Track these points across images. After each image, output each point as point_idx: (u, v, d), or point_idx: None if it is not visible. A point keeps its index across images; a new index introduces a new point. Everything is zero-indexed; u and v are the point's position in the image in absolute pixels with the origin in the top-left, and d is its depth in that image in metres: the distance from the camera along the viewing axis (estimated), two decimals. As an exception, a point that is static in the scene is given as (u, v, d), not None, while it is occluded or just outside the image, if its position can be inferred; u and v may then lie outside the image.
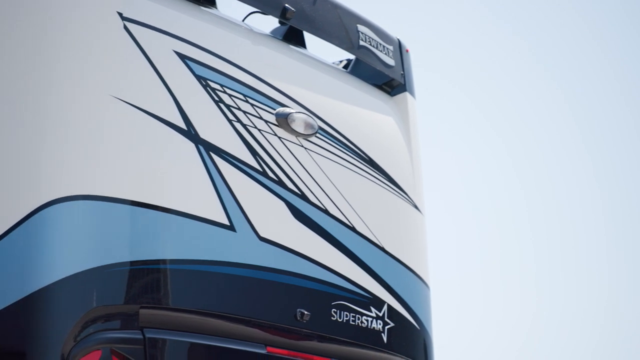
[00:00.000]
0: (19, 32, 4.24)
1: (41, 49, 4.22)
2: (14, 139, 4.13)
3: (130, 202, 4.19)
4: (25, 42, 4.22)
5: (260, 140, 4.72)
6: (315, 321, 4.72)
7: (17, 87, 4.17)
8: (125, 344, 4.06)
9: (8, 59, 4.20)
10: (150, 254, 4.20)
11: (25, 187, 4.06)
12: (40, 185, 4.05)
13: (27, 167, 4.08)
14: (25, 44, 4.22)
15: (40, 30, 4.24)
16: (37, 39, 4.23)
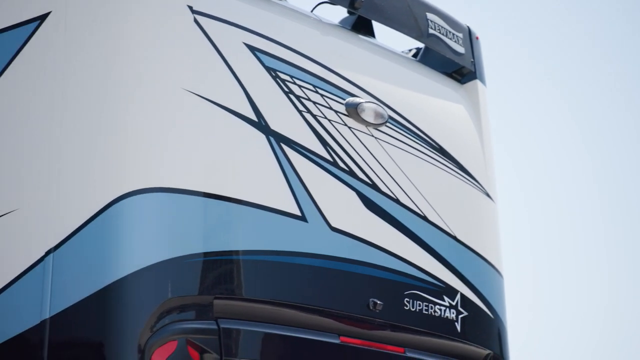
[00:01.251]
0: (93, 27, 4.30)
1: (114, 45, 4.27)
2: (89, 134, 4.19)
3: (203, 193, 4.23)
4: (98, 38, 4.28)
5: (331, 130, 4.72)
6: (388, 311, 4.72)
7: (92, 82, 4.24)
8: (200, 334, 4.10)
9: (84, 55, 4.27)
10: (223, 245, 4.24)
11: (101, 181, 4.12)
12: (115, 178, 4.11)
13: (103, 161, 4.14)
14: (98, 40, 4.28)
15: (112, 26, 4.29)
16: (110, 34, 4.28)
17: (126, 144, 4.18)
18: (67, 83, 4.28)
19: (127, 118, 4.21)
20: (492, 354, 5.20)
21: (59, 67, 4.32)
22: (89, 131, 4.20)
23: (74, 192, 4.14)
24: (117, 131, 4.19)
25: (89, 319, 3.99)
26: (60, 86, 4.29)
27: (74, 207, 4.11)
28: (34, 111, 4.33)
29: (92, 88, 4.23)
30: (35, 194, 4.21)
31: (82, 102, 4.24)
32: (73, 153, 4.19)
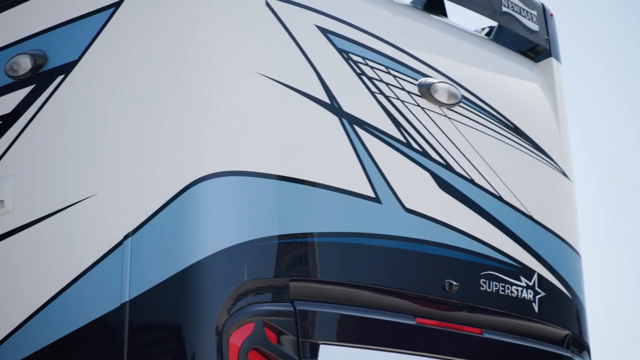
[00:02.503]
0: (167, 13, 4.35)
1: (189, 30, 4.31)
2: (165, 119, 4.24)
3: (278, 176, 4.25)
4: (172, 24, 4.33)
5: (403, 111, 4.70)
6: (464, 292, 4.69)
7: (167, 68, 4.28)
8: (276, 316, 4.13)
9: (159, 40, 4.32)
10: (298, 227, 4.26)
11: (177, 165, 4.17)
12: (192, 162, 4.16)
13: (179, 145, 4.19)
14: (172, 26, 4.33)
15: (187, 11, 4.33)
16: (184, 20, 4.32)
17: (201, 128, 4.22)
18: (143, 69, 4.34)
19: (202, 102, 4.25)
20: (571, 335, 5.14)
21: (134, 53, 4.38)
22: (164, 116, 4.25)
23: (151, 176, 4.20)
24: (192, 116, 4.23)
25: (167, 302, 4.04)
26: (135, 72, 4.35)
27: (151, 191, 4.17)
28: (110, 97, 4.39)
29: (167, 73, 4.28)
30: (114, 179, 4.27)
31: (158, 87, 4.29)
32: (150, 138, 4.25)
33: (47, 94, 4.54)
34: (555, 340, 5.08)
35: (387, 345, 4.42)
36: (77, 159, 4.40)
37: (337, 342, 4.29)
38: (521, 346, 4.90)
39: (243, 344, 4.01)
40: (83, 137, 4.43)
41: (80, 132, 4.44)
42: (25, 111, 4.58)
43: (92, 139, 4.40)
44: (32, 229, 4.41)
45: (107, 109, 4.39)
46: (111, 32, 4.46)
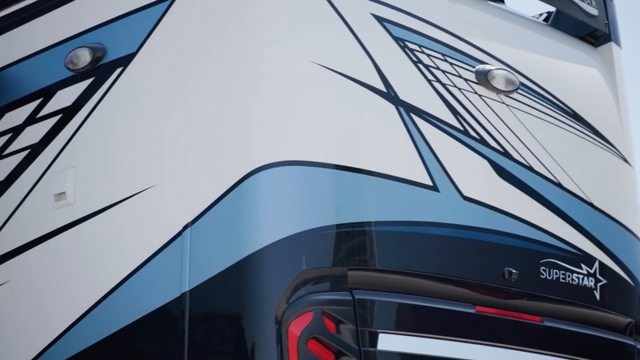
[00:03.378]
0: (223, 4, 4.37)
1: (244, 20, 4.33)
2: (222, 109, 4.27)
3: (335, 165, 4.26)
4: (228, 15, 4.35)
5: (460, 98, 4.68)
6: (523, 280, 4.66)
7: (223, 58, 4.31)
8: (335, 305, 4.13)
9: (215, 31, 4.34)
10: (356, 216, 4.26)
11: (235, 155, 4.19)
12: (249, 152, 4.18)
13: (236, 136, 4.21)
14: (228, 16, 4.35)
15: (241, 2, 4.35)
16: (239, 10, 4.34)
17: (259, 118, 4.23)
18: (200, 60, 4.36)
19: (259, 92, 4.26)
20: (634, 322, 5.08)
21: (191, 44, 4.41)
22: (222, 106, 4.27)
23: (210, 166, 4.23)
24: (248, 106, 4.25)
25: (226, 291, 4.07)
26: (193, 63, 4.38)
27: (210, 181, 4.19)
28: (168, 89, 4.43)
29: (223, 63, 4.30)
30: (173, 170, 4.31)
31: (215, 78, 4.32)
32: (207, 129, 4.28)
33: (106, 87, 4.59)
34: (618, 328, 5.03)
35: (446, 334, 4.40)
36: (137, 151, 4.45)
37: (396, 331, 4.28)
38: (582, 334, 4.86)
39: (302, 333, 4.02)
40: (142, 128, 4.47)
41: (139, 124, 4.48)
42: (85, 104, 4.64)
43: (150, 131, 4.44)
44: (93, 220, 4.47)
45: (165, 101, 4.42)
46: (168, 24, 4.49)
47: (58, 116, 4.73)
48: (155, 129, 4.42)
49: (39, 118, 4.81)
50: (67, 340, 4.42)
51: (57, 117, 4.73)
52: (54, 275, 4.57)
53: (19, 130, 4.87)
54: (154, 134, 4.42)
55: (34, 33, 5.00)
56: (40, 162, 4.74)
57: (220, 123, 4.25)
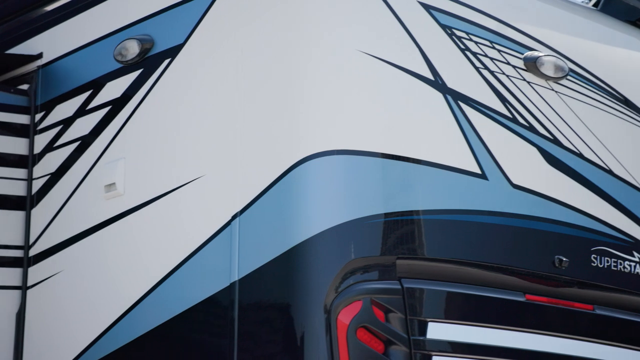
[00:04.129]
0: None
1: (291, 9, 4.33)
2: (269, 99, 4.27)
3: (383, 154, 4.25)
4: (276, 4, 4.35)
5: (509, 86, 4.64)
6: (574, 268, 4.63)
7: (270, 48, 4.31)
8: (384, 294, 4.13)
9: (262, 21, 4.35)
10: (404, 205, 4.25)
11: (282, 145, 4.20)
12: (298, 141, 4.18)
13: (284, 125, 4.22)
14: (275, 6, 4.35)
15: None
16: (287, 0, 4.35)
17: (306, 108, 4.23)
18: (248, 50, 4.37)
19: (306, 82, 4.27)
20: (685, 310, 5.03)
21: (239, 34, 4.41)
22: (270, 97, 4.28)
23: (258, 156, 4.24)
24: (296, 95, 4.25)
25: (275, 281, 4.08)
26: (241, 53, 4.39)
27: (258, 171, 4.21)
28: (215, 79, 4.44)
29: (272, 54, 4.31)
30: (221, 160, 4.33)
31: (263, 68, 4.32)
32: (255, 118, 4.29)
33: (155, 78, 4.62)
34: (670, 316, 4.98)
35: (496, 322, 4.39)
36: (185, 141, 4.48)
37: (445, 320, 4.27)
38: (634, 322, 4.81)
39: (351, 321, 4.02)
40: (190, 119, 4.49)
41: (188, 114, 4.51)
42: (134, 95, 4.68)
43: (199, 121, 4.46)
44: (143, 211, 4.51)
45: (213, 91, 4.44)
46: (216, 14, 4.51)
47: (107, 108, 4.77)
48: (204, 119, 4.44)
49: (89, 110, 4.86)
50: (118, 329, 4.46)
51: (107, 108, 4.77)
52: (104, 265, 4.62)
53: (69, 122, 4.93)
54: (203, 124, 4.44)
55: (84, 26, 5.05)
56: (90, 154, 4.79)
57: (268, 113, 4.26)
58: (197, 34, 4.54)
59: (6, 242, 4.97)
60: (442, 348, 4.21)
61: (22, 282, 4.93)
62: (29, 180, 5.03)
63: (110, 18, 4.93)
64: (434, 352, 4.17)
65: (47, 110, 5.04)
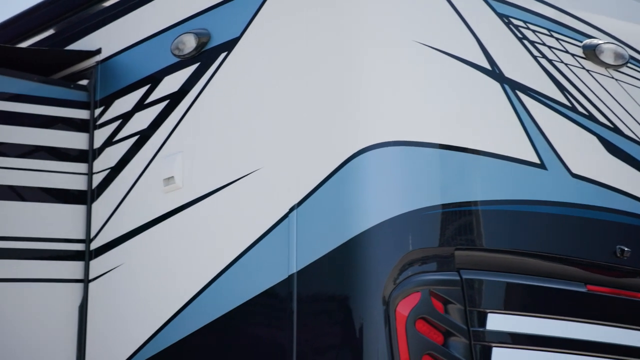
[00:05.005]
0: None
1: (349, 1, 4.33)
2: (327, 91, 4.27)
3: (440, 145, 4.23)
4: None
5: (567, 74, 4.59)
6: (636, 258, 4.56)
7: (326, 39, 4.31)
8: (443, 285, 4.11)
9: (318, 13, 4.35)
10: (462, 196, 4.22)
11: (339, 137, 4.20)
12: (355, 133, 4.18)
13: (340, 117, 4.22)
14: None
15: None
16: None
17: (363, 100, 4.23)
18: (303, 42, 4.37)
19: (363, 74, 4.26)
20: None
21: (294, 27, 4.42)
22: (326, 88, 4.28)
23: (315, 148, 4.24)
24: (353, 87, 4.25)
25: (333, 273, 4.09)
26: (295, 46, 4.39)
27: (315, 163, 4.21)
28: (272, 72, 4.45)
29: (327, 46, 4.31)
30: (278, 153, 4.34)
31: (318, 60, 4.33)
32: (311, 111, 4.29)
33: (211, 72, 4.64)
34: None
35: (557, 313, 4.35)
36: (242, 134, 4.49)
37: (505, 311, 4.24)
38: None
39: (410, 313, 4.01)
40: (247, 112, 4.51)
41: (244, 107, 4.52)
42: (191, 89, 4.71)
43: (256, 114, 4.47)
44: (201, 204, 4.54)
45: (269, 84, 4.46)
46: (271, 7, 4.52)
47: (165, 102, 4.81)
48: (260, 112, 4.45)
49: (147, 104, 4.90)
50: (178, 322, 4.50)
51: (165, 102, 4.81)
52: (163, 259, 4.66)
53: (128, 117, 4.97)
54: (259, 117, 4.45)
55: (141, 21, 5.09)
56: (149, 148, 4.83)
57: (325, 104, 4.26)
58: (253, 27, 4.56)
59: (68, 236, 5.04)
60: (502, 339, 4.18)
61: (84, 276, 5.00)
62: (89, 175, 5.09)
63: (167, 12, 4.96)
64: (494, 344, 4.14)
65: (106, 105, 5.10)
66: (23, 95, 5.07)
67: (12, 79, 5.05)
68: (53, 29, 5.51)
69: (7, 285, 4.86)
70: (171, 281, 4.59)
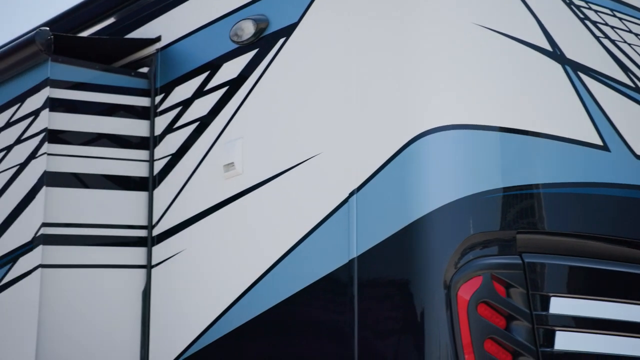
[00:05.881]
0: None
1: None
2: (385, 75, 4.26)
3: (500, 128, 4.20)
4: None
5: (631, 54, 4.53)
6: (702, 239, 4.49)
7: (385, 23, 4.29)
8: (505, 269, 4.08)
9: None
10: (524, 179, 4.19)
11: (399, 121, 4.18)
12: (413, 117, 4.16)
13: (400, 101, 4.20)
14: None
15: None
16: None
17: (422, 83, 4.21)
18: (362, 26, 4.36)
19: (422, 57, 4.24)
20: None
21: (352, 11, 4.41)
22: (385, 72, 4.26)
23: (374, 133, 4.23)
24: (412, 70, 4.23)
25: (394, 257, 4.08)
26: (354, 29, 4.38)
27: (374, 147, 4.20)
28: (330, 56, 4.45)
29: (386, 29, 4.29)
30: (337, 137, 4.34)
31: (377, 43, 4.31)
32: (371, 95, 4.28)
33: (270, 57, 4.65)
34: None
35: (620, 296, 4.29)
36: (301, 120, 4.50)
37: (568, 294, 4.20)
38: None
39: (472, 297, 3.99)
40: (305, 97, 4.51)
41: (303, 92, 4.53)
42: (250, 75, 4.72)
43: (315, 98, 4.48)
44: (261, 190, 4.55)
45: (328, 68, 4.45)
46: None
47: (225, 88, 4.83)
48: (320, 97, 4.45)
49: (206, 91, 4.93)
50: (239, 307, 4.53)
51: (224, 89, 4.83)
52: (224, 244, 4.69)
53: (188, 104, 5.01)
54: (319, 102, 4.45)
55: (200, 8, 5.11)
56: (209, 134, 4.86)
57: (384, 89, 4.25)
58: (310, 12, 4.55)
59: (131, 222, 5.09)
60: (566, 323, 4.14)
61: (146, 261, 5.05)
62: (151, 162, 5.14)
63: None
64: (557, 327, 4.11)
65: (167, 92, 5.13)
66: (85, 84, 5.13)
67: (74, 67, 5.11)
68: (113, 18, 5.56)
69: (74, 271, 4.94)
70: (232, 267, 4.62)
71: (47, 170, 4.93)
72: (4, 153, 5.27)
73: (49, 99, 5.00)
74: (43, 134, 4.99)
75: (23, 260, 4.95)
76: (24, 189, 5.05)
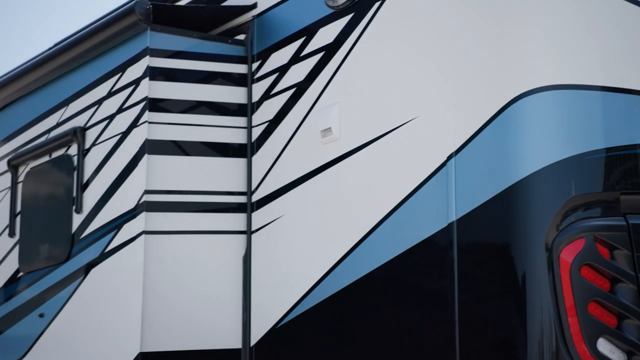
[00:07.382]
0: None
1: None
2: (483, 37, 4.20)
3: (602, 87, 4.11)
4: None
5: None
6: None
7: None
8: (608, 231, 4.01)
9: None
10: (627, 138, 4.10)
11: (498, 82, 4.13)
12: (512, 79, 4.10)
13: (499, 63, 4.14)
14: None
15: None
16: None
17: (521, 44, 4.14)
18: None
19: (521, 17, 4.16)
20: None
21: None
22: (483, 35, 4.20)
23: (472, 95, 4.19)
24: (511, 31, 4.16)
25: (494, 220, 4.04)
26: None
27: (472, 110, 4.16)
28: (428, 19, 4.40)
29: None
30: (435, 101, 4.30)
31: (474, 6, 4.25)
32: (468, 58, 4.23)
33: (366, 22, 4.63)
34: None
35: None
36: (398, 84, 4.47)
37: (677, 257, 4.11)
38: None
39: (574, 259, 3.94)
40: (403, 61, 4.48)
41: (400, 57, 4.49)
42: (346, 40, 4.70)
43: (412, 63, 4.44)
44: (359, 155, 4.55)
45: (423, 32, 4.41)
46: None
47: (321, 54, 4.82)
48: (417, 61, 4.42)
49: (302, 57, 4.93)
50: (338, 272, 4.55)
51: (320, 54, 4.83)
52: (322, 210, 4.71)
53: (284, 70, 5.02)
54: (415, 66, 4.42)
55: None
56: (306, 100, 4.87)
57: (482, 50, 4.19)
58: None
59: (231, 189, 5.15)
60: (673, 285, 4.05)
61: (247, 227, 5.10)
62: (249, 128, 5.18)
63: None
64: (664, 290, 4.02)
65: (263, 59, 5.16)
66: (183, 52, 5.18)
67: (172, 36, 5.17)
68: (210, -14, 5.60)
69: (176, 237, 5.02)
70: (331, 232, 4.63)
71: (148, 138, 5.01)
72: (107, 122, 5.38)
73: (148, 68, 5.07)
74: (144, 103, 5.07)
75: (127, 227, 5.05)
76: (126, 156, 5.15)
